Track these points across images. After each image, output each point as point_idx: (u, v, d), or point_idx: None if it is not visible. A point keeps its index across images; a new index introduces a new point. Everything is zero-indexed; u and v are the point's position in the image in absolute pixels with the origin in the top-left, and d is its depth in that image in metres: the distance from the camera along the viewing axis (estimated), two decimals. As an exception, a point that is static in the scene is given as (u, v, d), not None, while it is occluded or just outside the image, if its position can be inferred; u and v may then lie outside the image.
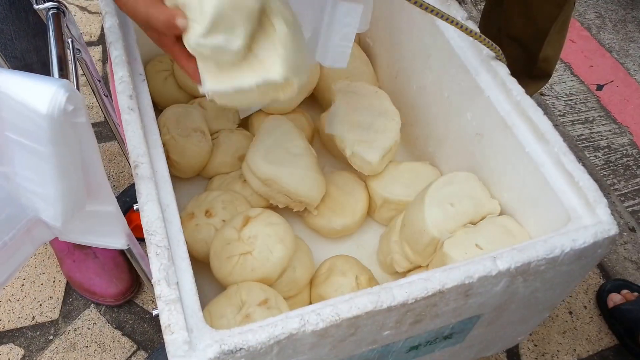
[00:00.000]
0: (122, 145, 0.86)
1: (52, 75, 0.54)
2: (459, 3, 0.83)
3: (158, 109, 1.00)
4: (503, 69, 0.73)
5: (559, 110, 1.74)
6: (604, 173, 1.56)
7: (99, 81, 0.75)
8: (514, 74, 1.27)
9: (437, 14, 0.66)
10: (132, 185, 1.20)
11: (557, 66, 1.85)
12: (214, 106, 0.97)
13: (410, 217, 0.76)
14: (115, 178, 1.32)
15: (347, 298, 0.52)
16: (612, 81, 1.86)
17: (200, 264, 0.81)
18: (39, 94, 0.41)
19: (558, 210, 0.61)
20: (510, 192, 0.72)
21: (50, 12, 0.59)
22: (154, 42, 0.60)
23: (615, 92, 1.82)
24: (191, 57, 0.57)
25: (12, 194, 0.46)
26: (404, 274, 0.83)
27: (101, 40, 1.70)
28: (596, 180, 1.45)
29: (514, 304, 0.64)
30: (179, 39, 0.56)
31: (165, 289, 0.52)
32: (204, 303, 0.57)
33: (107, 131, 1.41)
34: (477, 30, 0.77)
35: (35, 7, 0.60)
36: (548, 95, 1.79)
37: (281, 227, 0.76)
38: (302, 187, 0.83)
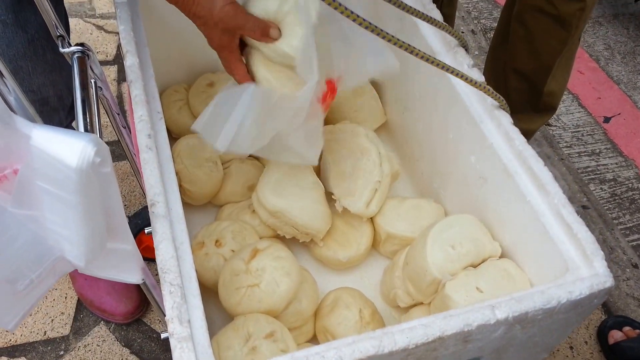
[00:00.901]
0: (137, 173, 0.89)
1: (77, 117, 0.57)
2: (466, 47, 0.86)
3: (172, 136, 1.04)
4: (506, 119, 0.75)
5: (566, 142, 1.76)
6: (609, 206, 1.57)
7: (118, 114, 0.78)
8: (519, 107, 1.32)
9: (442, 67, 0.69)
10: (144, 208, 1.24)
11: (564, 97, 1.88)
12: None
13: (413, 257, 0.79)
14: (127, 197, 1.36)
15: (350, 341, 0.55)
16: (619, 114, 1.87)
17: (209, 292, 0.84)
18: (69, 149, 0.44)
19: (557, 259, 0.64)
20: (511, 236, 0.74)
21: (76, 55, 0.62)
22: (212, 43, 0.70)
23: (623, 124, 1.84)
24: (242, 63, 0.71)
25: (40, 235, 0.49)
26: (406, 308, 0.85)
27: (117, 60, 1.74)
28: (600, 215, 1.49)
29: (512, 347, 0.67)
30: (239, 45, 0.69)
31: (177, 327, 0.55)
32: (211, 330, 0.59)
33: (119, 150, 1.44)
34: (482, 78, 0.80)
35: (61, 50, 0.63)
36: (555, 126, 1.81)
37: (288, 260, 0.79)
38: (309, 220, 0.86)
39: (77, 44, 0.63)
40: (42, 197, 0.47)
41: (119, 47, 1.81)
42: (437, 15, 0.90)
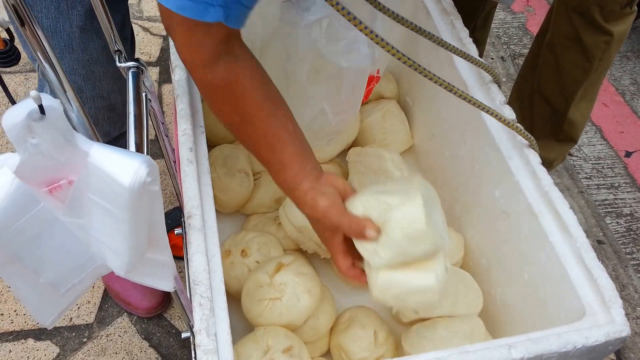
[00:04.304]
0: (172, 176, 0.92)
1: (128, 132, 0.60)
2: (499, 83, 0.88)
3: (208, 143, 1.07)
4: (535, 158, 0.77)
5: (586, 173, 1.76)
6: (624, 241, 1.58)
7: (162, 124, 0.81)
8: (541, 133, 1.34)
9: (474, 104, 0.71)
10: (175, 209, 1.28)
11: (587, 128, 1.89)
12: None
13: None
14: (156, 195, 1.39)
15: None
16: (641, 149, 1.88)
17: (231, 298, 0.86)
18: (124, 168, 0.46)
19: (574, 302, 0.65)
20: (530, 274, 0.76)
21: (131, 70, 0.65)
22: (318, 235, 0.72)
23: (644, 161, 1.84)
24: (347, 256, 0.70)
25: (84, 243, 0.52)
26: (410, 323, 0.86)
27: (159, 62, 1.79)
28: (615, 251, 1.50)
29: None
30: (344, 239, 0.69)
31: (204, 339, 0.58)
32: (232, 337, 0.61)
33: (155, 149, 1.48)
34: (513, 116, 0.82)
35: (118, 64, 0.66)
36: (576, 157, 1.82)
37: (310, 277, 0.81)
38: (332, 238, 0.88)
39: (132, 59, 0.66)
40: (92, 208, 0.50)
41: (162, 49, 1.86)
42: (473, 50, 0.91)
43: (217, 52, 0.59)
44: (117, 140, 1.00)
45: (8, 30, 0.39)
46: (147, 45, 1.85)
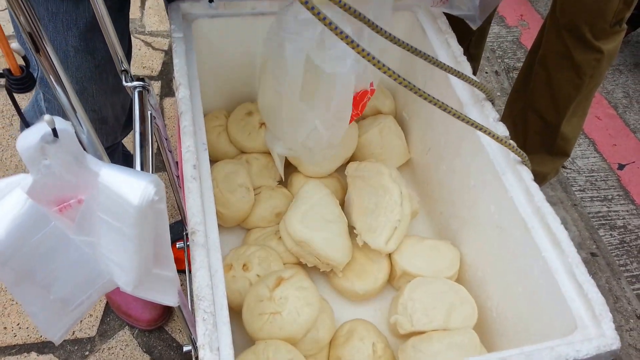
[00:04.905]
0: (175, 191, 0.94)
1: (134, 151, 0.62)
2: (493, 100, 0.90)
3: (210, 159, 1.09)
4: (528, 174, 0.79)
5: (580, 185, 1.79)
6: (617, 253, 1.60)
7: (166, 139, 0.83)
8: (535, 148, 1.37)
9: (468, 122, 0.73)
10: (177, 222, 1.29)
11: (581, 141, 1.91)
12: (259, 163, 1.06)
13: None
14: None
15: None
16: (633, 162, 1.90)
17: (233, 312, 0.88)
18: (132, 188, 0.48)
19: (566, 316, 0.67)
20: (523, 288, 0.78)
21: (137, 89, 0.67)
22: None
23: (636, 173, 1.87)
24: None
25: (93, 260, 0.54)
26: (406, 336, 0.88)
27: (161, 76, 1.82)
28: (608, 263, 1.52)
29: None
30: None
31: (208, 354, 0.59)
32: (234, 351, 0.63)
33: (157, 162, 1.50)
34: (506, 132, 0.84)
35: (124, 84, 0.68)
36: (570, 169, 1.84)
37: (310, 291, 0.83)
38: (331, 252, 0.90)
39: (138, 79, 0.68)
40: (101, 226, 0.51)
41: (164, 63, 1.88)
42: (467, 68, 0.94)
43: None
44: (108, 150, 1.03)
45: (24, 57, 0.41)
46: (149, 60, 1.88)
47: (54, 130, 0.41)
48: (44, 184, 0.45)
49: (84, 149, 0.51)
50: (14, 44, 0.39)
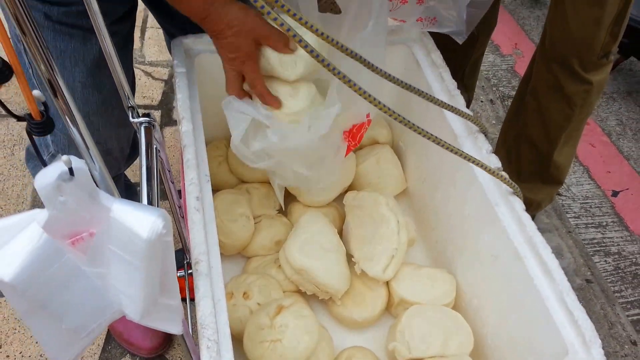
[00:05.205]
0: (176, 221, 0.96)
1: (141, 185, 0.65)
2: (486, 132, 0.94)
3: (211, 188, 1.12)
4: (519, 205, 0.82)
5: (574, 212, 1.81)
6: (612, 279, 1.62)
7: (169, 171, 0.86)
8: (529, 176, 1.40)
9: (461, 156, 0.77)
10: (178, 250, 1.31)
11: (575, 168, 1.95)
12: (259, 193, 1.09)
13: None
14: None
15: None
16: (627, 189, 1.93)
17: (234, 339, 0.89)
18: (142, 222, 0.51)
19: (557, 342, 0.70)
20: (517, 315, 0.80)
21: (143, 125, 0.71)
22: (239, 53, 0.77)
23: (630, 200, 1.89)
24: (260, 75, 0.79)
25: (103, 290, 0.56)
26: None
27: (161, 106, 1.86)
28: (603, 290, 1.54)
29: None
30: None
31: (212, 381, 0.61)
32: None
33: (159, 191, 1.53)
34: (499, 164, 0.88)
35: (131, 120, 0.71)
36: (565, 196, 1.87)
37: (310, 319, 0.85)
38: (329, 280, 0.93)
39: (144, 115, 0.72)
40: (111, 258, 0.54)
41: (164, 93, 1.93)
42: (460, 101, 0.98)
43: None
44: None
45: (43, 103, 0.44)
46: (149, 89, 1.92)
47: (70, 169, 0.44)
48: (59, 218, 0.48)
49: (96, 185, 0.54)
50: (35, 91, 0.42)
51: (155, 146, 0.71)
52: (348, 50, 0.67)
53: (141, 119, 0.71)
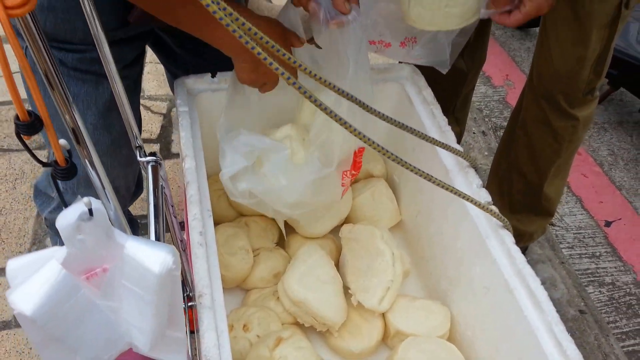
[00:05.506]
0: (180, 253, 1.00)
1: (149, 223, 0.69)
2: (476, 167, 0.98)
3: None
4: (509, 238, 0.86)
5: (568, 242, 1.84)
6: (607, 310, 1.64)
7: (172, 206, 0.90)
8: (521, 208, 1.43)
9: (453, 192, 0.81)
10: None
11: (568, 199, 1.98)
12: (258, 226, 1.12)
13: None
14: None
15: None
16: (620, 219, 1.95)
17: (233, 372, 0.92)
18: (153, 258, 0.55)
19: (547, 372, 0.73)
20: (508, 345, 0.83)
21: (150, 164, 0.75)
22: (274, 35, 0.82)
23: (623, 230, 1.92)
24: None
25: (115, 323, 0.59)
26: None
27: (160, 139, 1.90)
28: (597, 320, 1.56)
29: None
30: None
31: (216, 410, 0.64)
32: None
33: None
34: (489, 198, 0.91)
35: (139, 159, 0.76)
36: (558, 227, 1.90)
37: (308, 351, 0.88)
38: (327, 312, 0.96)
39: (150, 154, 0.76)
40: (124, 292, 0.57)
41: (162, 127, 1.97)
42: (451, 137, 1.02)
43: None
44: None
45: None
46: (148, 123, 1.96)
47: (90, 210, 0.48)
48: (77, 255, 0.51)
49: (111, 223, 0.57)
50: (62, 140, 0.46)
51: (161, 184, 0.75)
52: (340, 90, 0.72)
53: (148, 158, 0.75)
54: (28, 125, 0.41)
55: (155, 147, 1.87)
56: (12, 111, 1.98)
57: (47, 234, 1.60)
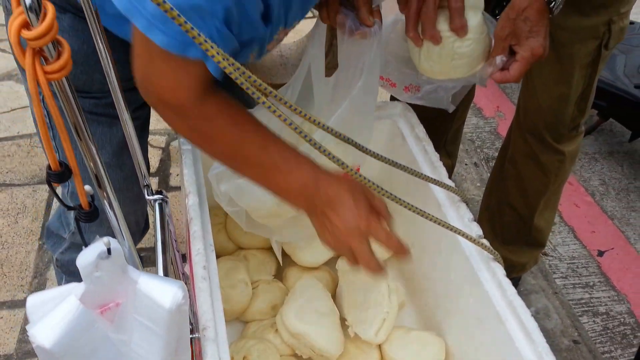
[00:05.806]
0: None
1: (157, 258, 0.72)
2: (467, 201, 1.02)
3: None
4: (500, 270, 0.90)
5: (562, 272, 1.85)
6: (601, 340, 1.64)
7: (175, 241, 0.94)
8: (512, 239, 1.46)
9: (444, 226, 0.85)
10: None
11: (560, 229, 2.00)
12: (256, 259, 1.16)
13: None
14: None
15: None
16: (612, 248, 1.96)
17: (233, 403, 0.95)
18: (164, 294, 0.58)
19: (538, 400, 0.76)
20: (502, 375, 0.86)
21: (157, 202, 0.79)
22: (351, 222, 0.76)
23: (615, 259, 1.93)
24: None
25: (125, 355, 0.63)
26: None
27: (158, 173, 1.94)
28: (590, 350, 1.58)
29: None
30: None
31: None
32: None
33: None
34: (480, 231, 0.95)
35: (147, 197, 0.80)
36: (552, 256, 1.91)
37: (306, 382, 0.91)
38: (325, 344, 0.99)
39: (157, 192, 0.80)
40: (135, 326, 0.61)
41: (161, 160, 2.01)
42: (443, 172, 1.07)
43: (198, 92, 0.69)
44: None
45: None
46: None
47: (109, 249, 0.52)
48: (94, 291, 0.55)
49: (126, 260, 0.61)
50: (87, 186, 0.51)
51: (167, 220, 0.79)
52: (342, 136, 0.77)
53: (156, 197, 0.79)
54: (59, 174, 0.45)
55: (155, 181, 1.90)
56: (13, 147, 2.01)
57: (47, 267, 1.62)
